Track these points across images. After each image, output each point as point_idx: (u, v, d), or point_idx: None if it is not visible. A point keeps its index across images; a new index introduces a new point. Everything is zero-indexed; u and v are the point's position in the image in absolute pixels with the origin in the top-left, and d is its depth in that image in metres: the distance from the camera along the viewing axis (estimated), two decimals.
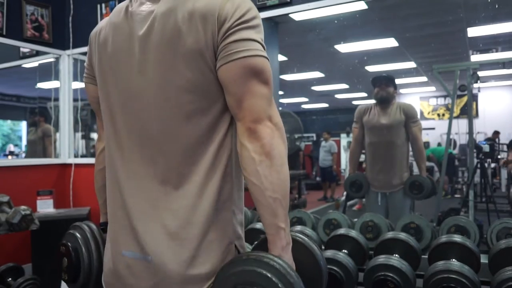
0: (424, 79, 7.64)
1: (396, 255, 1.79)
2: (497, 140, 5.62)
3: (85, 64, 1.05)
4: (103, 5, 3.15)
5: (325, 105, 11.90)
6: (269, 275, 0.76)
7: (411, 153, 2.94)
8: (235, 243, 0.90)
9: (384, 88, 2.86)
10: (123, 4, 0.94)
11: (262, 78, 0.82)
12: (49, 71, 3.46)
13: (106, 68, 0.92)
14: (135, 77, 0.86)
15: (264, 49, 0.85)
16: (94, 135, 6.56)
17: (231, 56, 0.81)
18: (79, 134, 3.64)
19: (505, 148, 4.93)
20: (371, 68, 6.81)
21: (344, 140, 7.92)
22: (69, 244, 1.07)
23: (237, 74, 0.81)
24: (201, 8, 0.81)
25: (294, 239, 0.93)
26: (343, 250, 1.92)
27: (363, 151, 3.07)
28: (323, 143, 7.55)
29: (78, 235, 1.08)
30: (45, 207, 2.98)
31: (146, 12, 0.87)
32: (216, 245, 0.85)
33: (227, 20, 0.81)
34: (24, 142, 9.85)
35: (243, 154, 0.82)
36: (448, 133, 3.45)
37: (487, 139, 5.52)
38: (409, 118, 2.81)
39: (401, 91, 8.54)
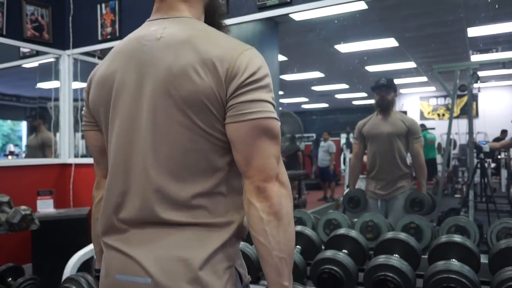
0: (424, 79, 7.65)
1: (396, 255, 1.79)
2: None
3: (83, 112, 1.02)
4: (103, 5, 3.15)
5: (325, 105, 11.91)
6: None
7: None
8: (235, 265, 0.89)
9: (385, 96, 2.86)
10: (128, 36, 0.93)
11: (271, 135, 0.82)
12: (49, 71, 3.46)
13: (104, 101, 0.90)
14: (139, 105, 0.85)
15: (274, 108, 0.84)
16: None
17: (242, 117, 0.80)
18: (79, 134, 3.64)
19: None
20: (371, 68, 6.81)
21: (344, 140, 7.92)
22: None
23: (246, 134, 0.81)
24: (213, 55, 0.80)
25: None
26: (343, 250, 1.92)
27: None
28: (321, 143, 7.55)
29: None
30: (45, 207, 2.98)
31: (154, 38, 0.86)
32: (218, 267, 0.84)
33: (238, 75, 0.80)
34: (24, 142, 9.85)
35: (251, 213, 0.82)
36: (448, 133, 3.45)
37: (496, 139, 5.51)
38: (412, 133, 2.81)
39: (401, 91, 8.55)
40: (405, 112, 6.83)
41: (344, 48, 5.73)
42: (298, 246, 2.07)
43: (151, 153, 0.83)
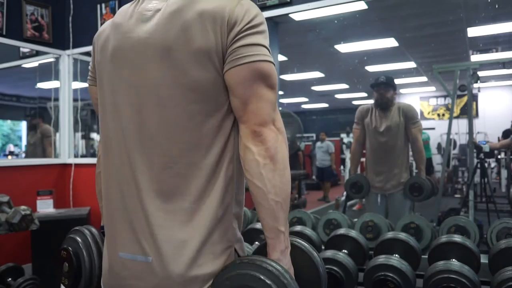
0: (424, 79, 7.65)
1: (396, 255, 1.79)
2: None
3: (90, 66, 1.05)
4: (103, 5, 3.15)
5: (325, 105, 11.91)
6: (262, 277, 0.77)
7: (410, 153, 2.94)
8: (235, 246, 0.90)
9: (384, 94, 2.85)
10: (128, 4, 0.94)
11: (268, 82, 0.84)
12: (49, 71, 3.46)
13: (106, 68, 0.92)
14: (136, 74, 0.86)
15: (271, 54, 0.86)
16: (94, 135, 6.57)
17: (240, 60, 0.82)
18: (79, 134, 3.65)
19: None
20: (371, 68, 6.81)
21: (345, 139, 7.92)
22: (70, 248, 1.06)
23: (244, 77, 0.82)
24: (211, 10, 0.82)
25: (292, 243, 0.93)
26: (343, 250, 1.92)
27: (364, 151, 3.07)
28: (318, 144, 7.53)
29: (79, 239, 1.07)
30: (45, 207, 2.98)
31: (153, 10, 0.87)
32: (216, 247, 0.85)
33: (237, 24, 0.82)
34: (24, 142, 9.86)
35: (247, 157, 0.82)
36: (448, 133, 3.45)
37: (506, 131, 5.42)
38: (409, 119, 2.81)
39: (401, 91, 8.55)
40: None
41: (344, 48, 5.73)
42: None
43: (160, 123, 0.84)
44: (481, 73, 3.34)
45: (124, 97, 0.88)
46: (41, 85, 4.03)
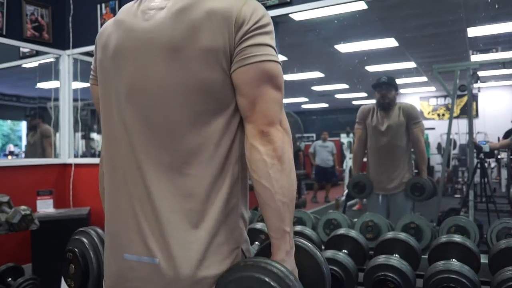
0: (424, 79, 7.64)
1: (396, 255, 1.79)
2: None
3: (92, 66, 1.04)
4: (103, 5, 3.15)
5: (325, 105, 11.90)
6: (266, 279, 0.76)
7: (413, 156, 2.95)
8: (242, 247, 0.89)
9: (386, 94, 2.85)
10: (131, 2, 0.93)
11: (276, 83, 0.84)
12: (49, 71, 3.46)
13: (108, 66, 0.91)
14: (140, 73, 0.85)
15: (277, 55, 0.86)
16: (94, 135, 6.56)
17: (247, 60, 0.81)
18: (79, 134, 3.64)
19: None
20: (371, 68, 6.81)
21: (344, 139, 7.90)
22: (76, 250, 1.04)
23: (252, 77, 0.82)
24: (219, 9, 0.82)
25: (297, 244, 0.93)
26: (343, 250, 1.92)
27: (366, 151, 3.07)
28: (320, 143, 7.47)
29: (85, 240, 1.05)
30: (45, 207, 2.98)
31: (157, 8, 0.86)
32: (223, 248, 0.84)
33: (244, 23, 0.82)
34: (24, 142, 9.85)
35: (253, 156, 0.82)
36: (448, 133, 3.45)
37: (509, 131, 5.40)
38: (411, 119, 2.80)
39: (401, 91, 8.52)
40: None
41: (344, 48, 5.73)
42: None
43: (165, 123, 0.83)
44: (481, 73, 3.34)
45: (127, 97, 0.87)
46: (41, 85, 4.03)
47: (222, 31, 0.81)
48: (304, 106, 11.78)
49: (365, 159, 3.15)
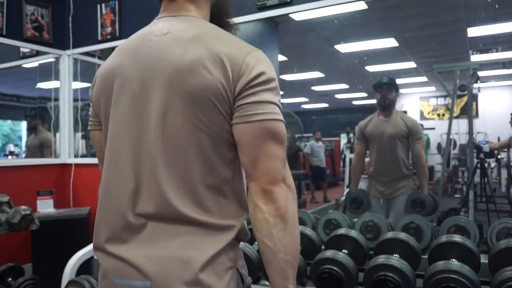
0: (424, 79, 7.64)
1: (396, 255, 1.79)
2: None
3: (90, 112, 1.02)
4: (103, 5, 3.15)
5: (325, 105, 11.90)
6: None
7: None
8: (237, 267, 0.89)
9: (386, 95, 2.85)
10: (136, 33, 0.94)
11: (278, 138, 0.82)
12: (49, 71, 3.46)
13: (109, 94, 0.89)
14: (140, 102, 0.84)
15: (281, 110, 0.85)
16: None
17: (249, 117, 0.81)
18: (79, 134, 3.64)
19: None
20: (371, 68, 6.81)
21: (344, 140, 7.92)
22: None
23: (253, 135, 0.81)
24: (224, 53, 0.81)
25: None
26: (343, 250, 1.92)
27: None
28: (314, 143, 7.47)
29: None
30: (45, 207, 2.98)
31: (159, 35, 0.86)
32: (219, 268, 0.83)
33: (245, 74, 0.80)
34: (24, 142, 9.85)
35: (257, 215, 0.81)
36: (448, 133, 3.45)
37: None
38: (413, 134, 2.80)
39: (401, 91, 8.51)
40: (405, 112, 6.83)
41: (344, 48, 5.73)
42: None
43: (159, 148, 0.82)
44: (481, 73, 3.34)
45: (127, 125, 0.86)
46: (41, 85, 4.02)
47: (222, 74, 0.80)
48: (304, 106, 11.78)
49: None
